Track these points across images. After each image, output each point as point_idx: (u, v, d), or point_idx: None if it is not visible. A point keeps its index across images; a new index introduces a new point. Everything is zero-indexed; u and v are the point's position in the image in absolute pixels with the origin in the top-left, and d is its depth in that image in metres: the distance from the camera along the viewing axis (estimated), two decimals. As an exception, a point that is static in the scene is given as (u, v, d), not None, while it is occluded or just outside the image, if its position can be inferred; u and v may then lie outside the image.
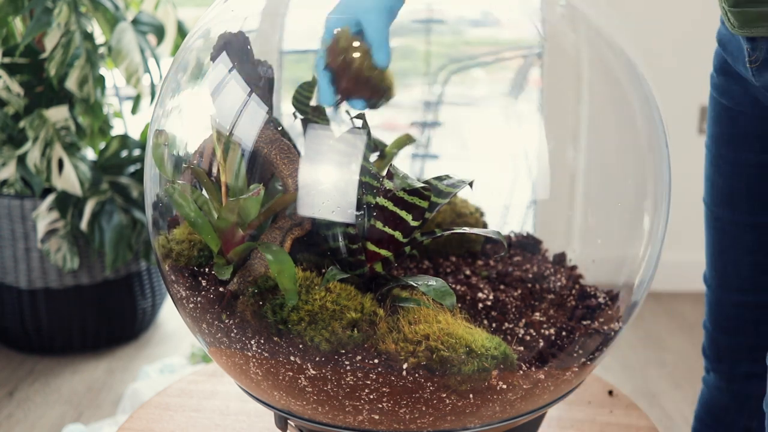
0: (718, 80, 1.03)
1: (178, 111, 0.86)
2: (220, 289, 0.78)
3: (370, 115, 0.79)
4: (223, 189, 0.78)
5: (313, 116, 0.87)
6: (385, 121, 1.04)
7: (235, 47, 0.80)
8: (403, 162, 1.03)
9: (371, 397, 0.74)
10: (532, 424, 0.87)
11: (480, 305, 0.85)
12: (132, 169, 2.18)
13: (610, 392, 1.08)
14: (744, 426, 1.14)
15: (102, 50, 2.12)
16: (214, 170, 0.78)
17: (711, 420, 1.17)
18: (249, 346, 0.77)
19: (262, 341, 0.76)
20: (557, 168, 0.87)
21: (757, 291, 1.07)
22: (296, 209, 0.76)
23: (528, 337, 0.81)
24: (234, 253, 0.78)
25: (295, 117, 0.88)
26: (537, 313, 0.85)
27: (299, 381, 0.75)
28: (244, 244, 0.78)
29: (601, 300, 0.89)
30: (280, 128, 0.81)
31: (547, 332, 0.82)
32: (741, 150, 1.02)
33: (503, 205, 1.00)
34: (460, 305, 0.82)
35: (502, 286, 0.90)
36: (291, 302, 0.74)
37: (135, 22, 2.13)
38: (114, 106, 2.32)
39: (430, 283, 0.75)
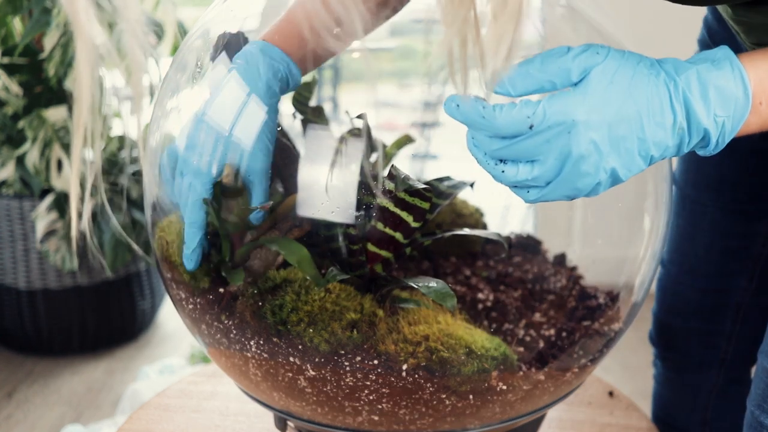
0: None
1: (177, 111, 0.86)
2: (220, 290, 0.78)
3: (371, 115, 0.79)
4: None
5: (313, 116, 0.87)
6: (385, 121, 1.03)
7: (234, 47, 0.79)
8: (403, 162, 1.03)
9: (371, 398, 0.74)
10: (532, 425, 0.87)
11: (480, 306, 0.85)
12: (132, 169, 2.18)
13: (611, 393, 1.08)
14: (701, 419, 1.13)
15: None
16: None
17: (668, 418, 1.17)
18: (248, 346, 0.76)
19: (261, 342, 0.76)
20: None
21: (723, 276, 1.06)
22: (296, 210, 0.76)
23: (528, 338, 0.81)
24: (237, 255, 0.78)
25: (295, 117, 0.88)
26: (537, 314, 0.85)
27: (298, 382, 0.75)
28: (246, 245, 0.77)
29: (601, 300, 0.89)
30: (280, 128, 0.81)
31: (547, 333, 0.82)
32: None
33: (503, 206, 1.00)
34: (460, 306, 0.82)
35: (502, 287, 0.90)
36: (320, 286, 0.73)
37: (134, 22, 2.13)
38: (113, 106, 2.32)
39: (430, 284, 0.75)
